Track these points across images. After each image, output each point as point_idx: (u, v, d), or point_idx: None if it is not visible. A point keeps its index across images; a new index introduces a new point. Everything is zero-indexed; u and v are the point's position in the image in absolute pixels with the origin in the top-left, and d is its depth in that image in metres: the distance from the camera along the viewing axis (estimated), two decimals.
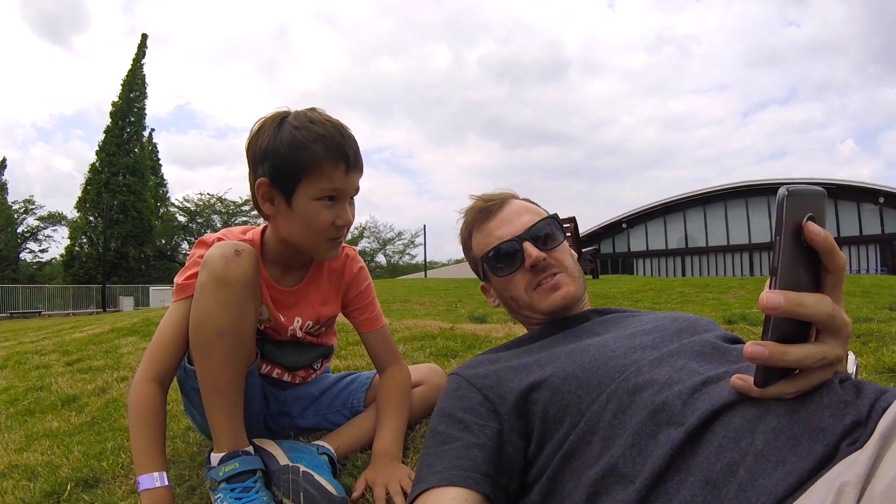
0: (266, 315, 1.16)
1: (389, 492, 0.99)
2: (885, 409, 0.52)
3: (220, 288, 1.00)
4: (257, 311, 1.10)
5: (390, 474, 1.03)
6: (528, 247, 0.96)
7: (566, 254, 1.01)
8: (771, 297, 0.51)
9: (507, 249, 0.98)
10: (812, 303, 0.52)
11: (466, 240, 1.10)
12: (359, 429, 1.23)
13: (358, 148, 1.08)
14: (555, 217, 1.03)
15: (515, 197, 1.09)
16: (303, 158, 1.01)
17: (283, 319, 1.18)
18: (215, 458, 1.01)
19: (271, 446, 1.09)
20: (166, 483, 0.96)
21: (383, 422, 1.17)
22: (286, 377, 1.28)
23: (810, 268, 0.54)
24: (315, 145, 1.01)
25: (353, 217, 1.12)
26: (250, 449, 1.04)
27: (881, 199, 23.18)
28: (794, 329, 0.54)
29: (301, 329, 1.22)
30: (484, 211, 1.05)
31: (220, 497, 0.97)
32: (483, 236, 1.03)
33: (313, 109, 1.08)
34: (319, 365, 1.33)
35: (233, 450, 1.01)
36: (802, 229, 0.52)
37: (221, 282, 1.00)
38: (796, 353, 0.53)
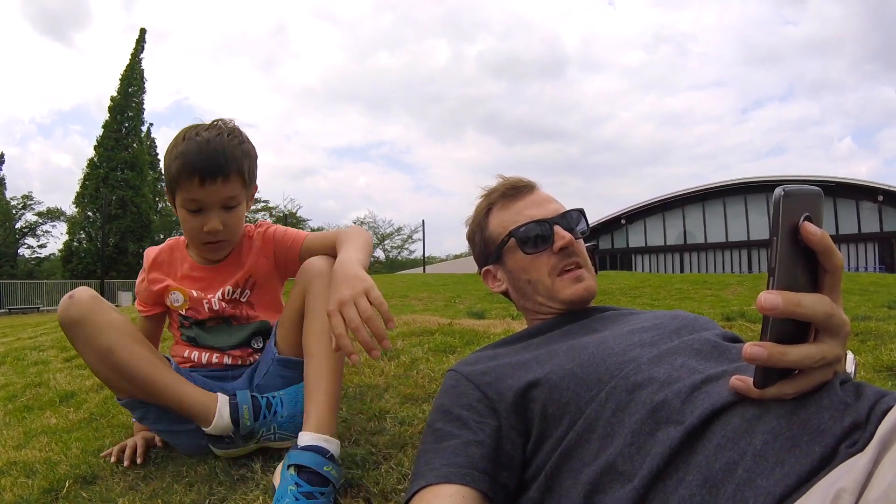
0: (181, 300, 1.29)
1: (358, 309, 0.87)
2: (884, 412, 0.52)
3: (69, 329, 1.14)
4: (122, 329, 1.15)
5: (353, 288, 0.89)
6: (559, 230, 0.96)
7: (585, 249, 1.01)
8: (768, 297, 0.51)
9: (538, 228, 0.98)
10: (810, 303, 0.52)
11: (482, 218, 1.06)
12: (314, 387, 1.08)
13: (224, 160, 1.16)
14: (581, 211, 1.03)
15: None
16: (170, 173, 1.18)
17: (195, 294, 1.29)
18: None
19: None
20: None
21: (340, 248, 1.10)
22: (226, 360, 1.31)
23: (808, 268, 0.54)
24: (176, 161, 1.16)
25: (238, 222, 1.25)
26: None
27: (880, 198, 23.17)
28: (792, 329, 0.54)
29: (223, 299, 1.29)
30: (514, 189, 1.04)
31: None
32: (511, 214, 1.02)
33: (215, 121, 1.23)
34: (260, 344, 1.33)
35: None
36: (799, 229, 0.52)
37: (66, 324, 1.14)
38: (795, 353, 0.53)
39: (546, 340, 0.89)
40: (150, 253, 1.39)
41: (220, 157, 1.15)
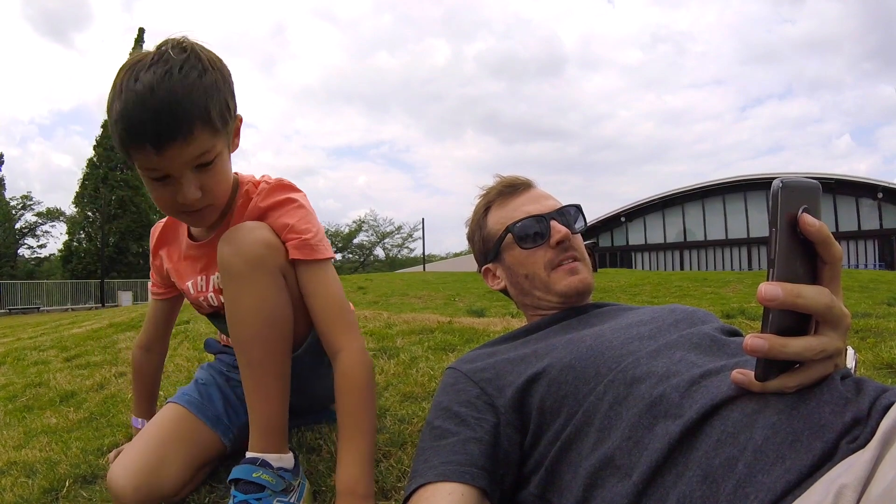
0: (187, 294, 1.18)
1: None
2: (885, 408, 0.51)
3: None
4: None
5: None
6: (556, 224, 0.97)
7: (583, 244, 1.02)
8: (769, 288, 0.51)
9: (534, 223, 0.98)
10: (810, 294, 0.51)
11: (481, 217, 1.07)
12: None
13: (180, 113, 0.85)
14: (578, 207, 1.04)
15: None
16: (116, 138, 0.88)
17: (192, 291, 1.13)
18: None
19: None
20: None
21: (342, 444, 0.95)
22: None
23: (807, 260, 0.54)
24: (119, 125, 0.86)
25: (221, 179, 0.96)
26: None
27: (880, 194, 23.17)
28: (793, 322, 0.53)
29: (211, 287, 1.10)
30: (510, 187, 1.05)
31: None
32: (508, 211, 1.03)
33: (162, 47, 0.89)
34: None
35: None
36: (798, 221, 0.52)
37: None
38: (796, 345, 0.53)
39: (545, 335, 0.89)
40: (156, 229, 1.21)
41: (172, 113, 0.85)
